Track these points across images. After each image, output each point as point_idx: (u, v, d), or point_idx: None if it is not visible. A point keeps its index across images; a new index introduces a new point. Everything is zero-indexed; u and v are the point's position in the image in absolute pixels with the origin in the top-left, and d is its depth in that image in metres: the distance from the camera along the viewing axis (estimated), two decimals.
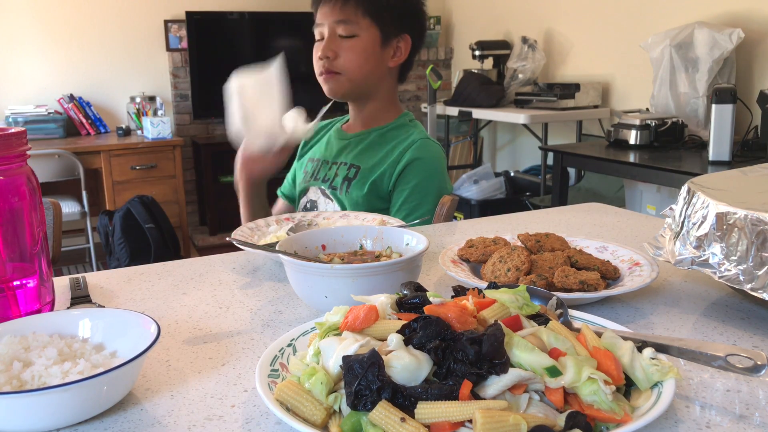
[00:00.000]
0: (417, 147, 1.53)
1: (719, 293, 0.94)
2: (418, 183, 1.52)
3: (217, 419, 0.63)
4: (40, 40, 4.35)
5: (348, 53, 1.49)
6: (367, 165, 1.56)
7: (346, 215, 1.27)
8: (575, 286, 0.86)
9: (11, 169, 0.80)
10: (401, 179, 1.53)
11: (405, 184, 1.52)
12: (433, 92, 4.25)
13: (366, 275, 0.81)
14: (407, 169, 1.52)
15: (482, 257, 0.99)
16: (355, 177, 1.55)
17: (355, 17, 1.48)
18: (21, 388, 0.64)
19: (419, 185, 1.52)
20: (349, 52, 1.49)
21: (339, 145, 1.63)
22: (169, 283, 1.03)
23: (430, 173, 1.53)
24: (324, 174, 1.61)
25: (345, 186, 1.55)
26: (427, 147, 1.55)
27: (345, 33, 1.49)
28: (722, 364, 0.62)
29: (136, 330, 0.70)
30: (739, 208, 0.80)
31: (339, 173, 1.58)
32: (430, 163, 1.54)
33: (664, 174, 2.62)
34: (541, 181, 3.90)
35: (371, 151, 1.58)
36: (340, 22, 1.47)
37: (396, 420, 0.53)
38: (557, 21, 4.24)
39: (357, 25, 1.48)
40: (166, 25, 4.62)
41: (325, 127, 1.73)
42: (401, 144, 1.55)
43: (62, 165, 3.95)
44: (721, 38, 2.87)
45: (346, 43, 1.49)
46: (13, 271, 0.83)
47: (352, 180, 1.55)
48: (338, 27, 1.48)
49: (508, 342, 0.57)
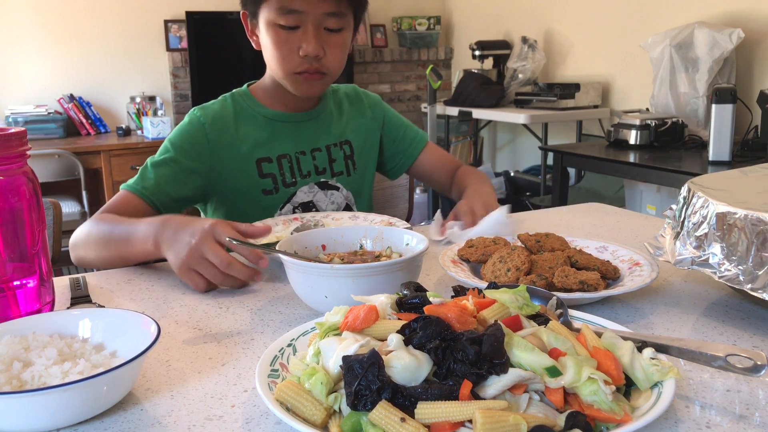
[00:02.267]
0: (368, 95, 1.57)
1: (719, 293, 0.94)
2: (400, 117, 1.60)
3: (217, 419, 0.63)
4: (40, 40, 4.35)
5: (335, 50, 1.30)
6: (354, 135, 1.49)
7: (355, 216, 1.28)
8: (575, 286, 0.86)
9: (11, 169, 0.80)
10: (387, 122, 1.56)
11: (393, 124, 1.57)
12: (433, 92, 4.24)
13: (366, 275, 0.81)
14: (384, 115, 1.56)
15: (482, 257, 0.99)
16: (352, 152, 1.48)
17: (346, 9, 1.29)
18: (21, 388, 0.63)
19: (401, 118, 1.60)
20: (336, 48, 1.30)
21: (303, 129, 1.42)
22: (169, 283, 1.03)
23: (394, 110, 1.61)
24: (309, 168, 1.41)
25: (350, 165, 1.47)
26: (370, 92, 1.60)
27: (334, 27, 1.28)
28: (722, 364, 0.62)
29: (136, 330, 0.70)
30: (739, 208, 0.80)
31: (335, 157, 1.45)
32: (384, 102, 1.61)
33: (664, 174, 2.62)
34: (541, 181, 3.89)
35: (341, 121, 1.48)
36: (331, 15, 1.27)
37: (396, 420, 0.53)
38: (557, 21, 4.23)
39: (344, 18, 1.30)
40: (166, 25, 4.61)
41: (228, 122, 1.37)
42: (356, 101, 1.54)
43: (62, 165, 3.95)
44: (721, 38, 2.87)
45: (334, 38, 1.29)
46: (13, 271, 0.83)
47: (352, 156, 1.48)
48: (327, 20, 1.27)
49: (508, 342, 0.57)
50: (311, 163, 1.42)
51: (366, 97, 1.57)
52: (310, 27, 1.26)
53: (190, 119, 1.36)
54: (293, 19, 1.26)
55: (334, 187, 1.45)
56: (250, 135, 1.37)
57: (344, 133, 1.48)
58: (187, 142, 1.33)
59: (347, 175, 1.47)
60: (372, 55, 5.07)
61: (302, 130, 1.42)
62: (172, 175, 1.30)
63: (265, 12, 1.28)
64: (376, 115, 1.55)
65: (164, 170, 1.29)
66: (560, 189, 3.21)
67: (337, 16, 1.27)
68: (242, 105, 1.40)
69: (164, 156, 1.31)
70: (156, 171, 1.29)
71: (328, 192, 1.44)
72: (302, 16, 1.25)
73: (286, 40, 1.28)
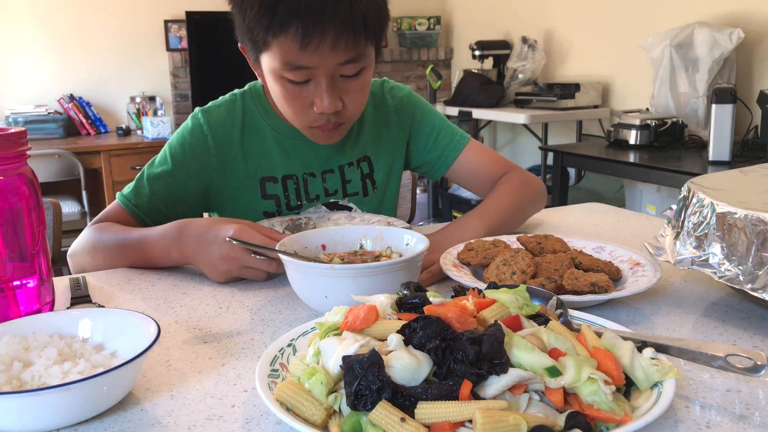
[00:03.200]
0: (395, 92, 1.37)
1: (719, 293, 0.94)
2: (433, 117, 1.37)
3: (217, 419, 0.63)
4: (40, 40, 4.35)
5: (354, 97, 1.12)
6: (375, 149, 1.33)
7: (352, 216, 1.26)
8: (586, 288, 0.86)
9: (11, 169, 0.80)
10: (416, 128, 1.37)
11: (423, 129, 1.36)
12: (433, 92, 4.25)
13: (366, 275, 0.81)
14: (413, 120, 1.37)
15: (484, 260, 0.98)
16: (371, 170, 1.33)
17: (364, 48, 1.08)
18: (21, 388, 0.63)
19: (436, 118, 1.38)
20: (355, 95, 1.12)
21: (315, 149, 1.27)
22: (169, 283, 1.03)
23: (429, 107, 1.40)
24: (318, 191, 1.29)
25: (368, 185, 1.33)
26: (399, 87, 1.39)
27: (352, 72, 1.09)
28: (722, 364, 0.62)
29: (136, 330, 0.70)
30: (739, 208, 0.80)
31: (350, 177, 1.31)
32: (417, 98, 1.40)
33: (664, 174, 2.62)
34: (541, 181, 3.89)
35: (361, 135, 1.32)
36: (348, 63, 1.07)
37: (396, 420, 0.53)
38: (557, 21, 4.23)
39: (363, 59, 1.09)
40: (166, 25, 4.61)
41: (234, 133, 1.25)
42: (381, 104, 1.35)
43: (62, 165, 3.95)
44: (721, 38, 2.87)
45: (352, 84, 1.10)
46: (13, 271, 0.83)
47: (372, 174, 1.34)
48: (343, 68, 1.07)
49: (508, 342, 0.57)
50: (321, 186, 1.28)
51: (392, 96, 1.36)
52: (324, 81, 1.07)
53: (192, 126, 1.24)
54: (302, 74, 1.07)
55: (346, 208, 1.32)
56: (256, 150, 1.25)
57: (364, 149, 1.32)
58: (188, 155, 1.22)
59: (364, 196, 1.33)
60: None
61: (314, 150, 1.27)
62: (168, 193, 1.21)
63: (269, 60, 1.09)
64: (402, 121, 1.36)
65: (160, 186, 1.21)
66: (560, 189, 3.21)
67: (355, 62, 1.07)
68: (252, 111, 1.27)
69: (162, 168, 1.22)
70: (151, 186, 1.21)
71: (337, 213, 1.29)
72: (312, 71, 1.06)
73: (297, 96, 1.10)
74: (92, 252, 1.14)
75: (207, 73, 4.61)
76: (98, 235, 1.14)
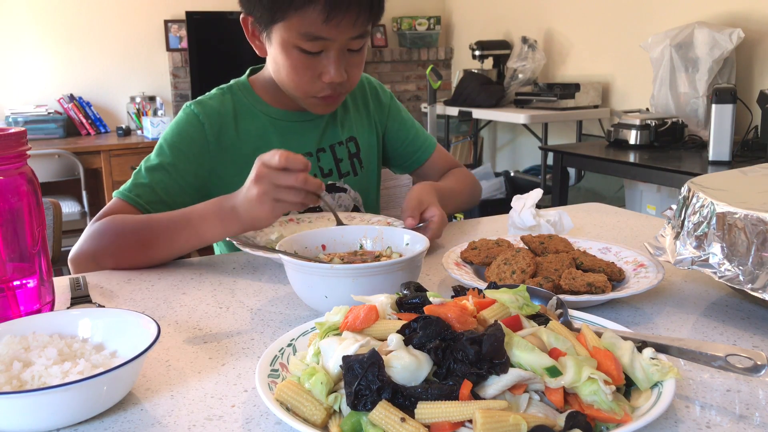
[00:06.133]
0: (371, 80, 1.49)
1: (719, 293, 0.94)
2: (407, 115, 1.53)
3: (217, 419, 0.63)
4: (40, 40, 4.35)
5: (355, 70, 1.24)
6: (360, 130, 1.42)
7: (351, 217, 1.27)
8: (583, 288, 0.86)
9: (11, 169, 0.80)
10: (391, 119, 1.49)
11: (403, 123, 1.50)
12: (433, 92, 4.24)
13: (366, 275, 0.81)
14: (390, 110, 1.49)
15: (486, 260, 0.98)
16: (358, 150, 1.41)
17: (368, 27, 1.20)
18: (21, 388, 0.63)
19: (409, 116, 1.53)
20: (356, 68, 1.24)
21: (307, 128, 1.35)
22: (169, 283, 1.03)
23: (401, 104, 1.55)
24: (314, 170, 1.35)
25: (356, 164, 1.41)
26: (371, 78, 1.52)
27: (358, 47, 1.21)
28: (722, 364, 0.62)
29: (136, 330, 0.70)
30: (739, 208, 0.80)
31: (340, 156, 1.38)
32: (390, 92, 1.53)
33: (664, 174, 2.62)
34: (541, 181, 3.89)
35: (347, 116, 1.41)
36: (357, 38, 1.18)
37: (396, 420, 0.53)
38: (557, 21, 4.23)
39: (367, 35, 1.21)
40: (166, 25, 4.61)
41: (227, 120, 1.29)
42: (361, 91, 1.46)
43: (62, 165, 3.95)
44: (721, 38, 2.87)
45: (355, 58, 1.22)
46: (13, 271, 0.83)
47: (358, 153, 1.41)
48: (352, 43, 1.18)
49: (508, 342, 0.57)
50: (316, 165, 1.35)
51: (368, 83, 1.48)
52: (336, 53, 1.17)
53: (187, 116, 1.26)
54: (318, 45, 1.16)
55: (342, 189, 1.38)
56: (251, 135, 1.30)
57: (350, 130, 1.41)
58: (185, 144, 1.24)
59: (354, 175, 1.40)
60: (372, 55, 5.08)
61: (307, 130, 1.34)
62: (169, 182, 1.21)
63: (282, 31, 1.16)
64: (380, 107, 1.48)
65: (160, 176, 1.20)
66: (560, 189, 3.21)
67: (361, 38, 1.19)
68: (242, 101, 1.31)
69: (160, 159, 1.22)
70: (151, 177, 1.20)
71: (336, 195, 1.37)
72: (328, 42, 1.16)
73: (308, 65, 1.19)
74: (116, 237, 1.10)
75: (207, 73, 4.60)
76: (115, 225, 1.11)
